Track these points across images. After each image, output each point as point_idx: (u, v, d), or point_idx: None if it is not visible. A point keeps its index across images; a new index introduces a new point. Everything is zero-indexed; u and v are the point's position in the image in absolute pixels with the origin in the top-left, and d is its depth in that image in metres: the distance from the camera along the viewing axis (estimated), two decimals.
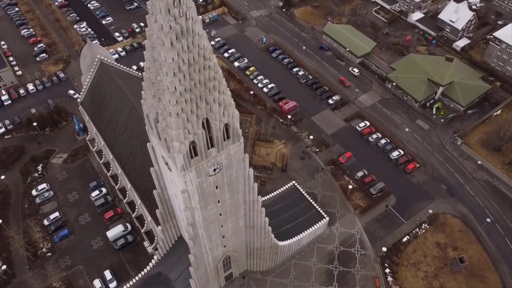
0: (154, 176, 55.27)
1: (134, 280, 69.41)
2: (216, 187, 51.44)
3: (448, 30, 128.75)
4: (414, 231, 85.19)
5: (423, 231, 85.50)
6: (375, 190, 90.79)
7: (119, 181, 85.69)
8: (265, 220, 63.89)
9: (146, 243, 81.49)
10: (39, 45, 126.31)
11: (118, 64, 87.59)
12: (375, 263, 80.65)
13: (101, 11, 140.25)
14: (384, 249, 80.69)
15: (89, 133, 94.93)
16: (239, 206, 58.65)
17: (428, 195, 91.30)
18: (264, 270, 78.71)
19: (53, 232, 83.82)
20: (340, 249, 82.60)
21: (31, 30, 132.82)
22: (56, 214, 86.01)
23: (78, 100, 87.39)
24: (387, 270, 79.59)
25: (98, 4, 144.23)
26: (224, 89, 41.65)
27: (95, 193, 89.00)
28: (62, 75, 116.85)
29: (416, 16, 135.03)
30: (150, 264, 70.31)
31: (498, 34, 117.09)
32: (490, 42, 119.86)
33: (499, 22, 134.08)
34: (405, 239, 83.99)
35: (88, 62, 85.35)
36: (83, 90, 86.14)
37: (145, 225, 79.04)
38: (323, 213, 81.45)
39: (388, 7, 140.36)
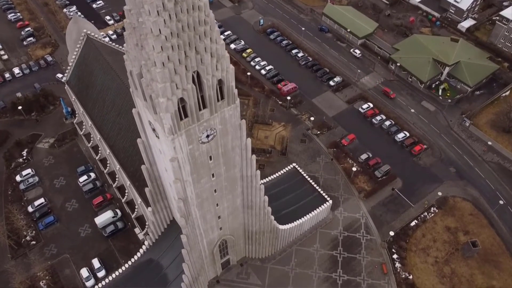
0: (141, 148, 50.01)
1: (123, 268, 64.22)
2: (210, 158, 46.25)
3: (453, 11, 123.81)
4: (422, 215, 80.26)
5: (432, 215, 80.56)
6: (380, 173, 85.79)
7: (108, 165, 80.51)
8: (264, 199, 58.71)
9: (137, 230, 76.27)
10: (26, 29, 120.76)
11: (106, 39, 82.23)
12: (381, 248, 75.66)
13: None
14: (392, 233, 75.66)
15: (76, 116, 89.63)
16: (236, 182, 53.47)
17: (436, 178, 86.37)
18: (264, 257, 73.63)
19: (37, 219, 78.48)
20: (344, 235, 77.58)
21: (18, 14, 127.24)
22: (41, 200, 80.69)
23: (64, 79, 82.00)
24: (395, 256, 74.62)
25: None
26: (216, 37, 36.43)
27: (83, 178, 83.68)
28: (50, 58, 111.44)
29: None
30: (141, 251, 65.07)
31: (505, 13, 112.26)
32: (497, 21, 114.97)
33: (505, 3, 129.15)
34: (413, 224, 79.05)
35: (74, 37, 79.90)
36: (68, 67, 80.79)
37: (136, 210, 73.81)
38: (326, 196, 76.41)
39: None
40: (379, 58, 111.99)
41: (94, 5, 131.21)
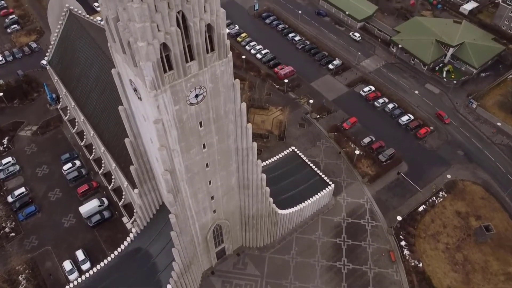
0: (124, 117, 44.65)
1: (109, 259, 58.76)
2: (200, 124, 40.98)
3: None
4: (430, 200, 75.33)
5: (441, 199, 75.63)
6: (385, 156, 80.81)
7: (93, 150, 75.08)
8: (261, 177, 53.41)
9: (125, 219, 70.80)
10: (11, 17, 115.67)
11: (91, 18, 77.04)
12: (388, 235, 70.52)
13: None
14: (399, 218, 70.55)
15: (61, 100, 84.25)
16: (230, 155, 48.19)
17: (444, 161, 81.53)
18: (262, 246, 68.28)
19: (17, 209, 72.88)
20: (348, 221, 72.39)
21: (3, 2, 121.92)
22: (22, 189, 75.18)
23: (46, 58, 76.73)
24: (403, 243, 69.48)
25: None
26: None
27: (67, 166, 78.14)
28: (34, 45, 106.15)
29: None
30: (128, 239, 59.63)
31: None
32: (500, 2, 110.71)
33: None
34: (421, 209, 74.10)
35: (56, 13, 74.66)
36: (50, 47, 75.54)
37: (123, 196, 68.38)
38: (327, 180, 71.23)
39: None
40: (379, 41, 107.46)
41: None
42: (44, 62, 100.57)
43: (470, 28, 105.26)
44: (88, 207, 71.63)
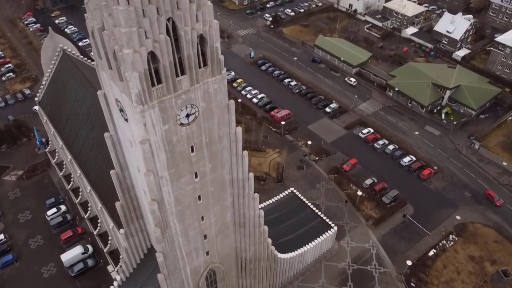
0: (109, 144, 41.29)
1: None
2: (192, 149, 37.59)
3: (446, 42, 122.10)
4: (440, 244, 70.32)
5: (452, 243, 70.64)
6: (389, 198, 76.76)
7: (80, 193, 70.74)
8: (259, 214, 49.04)
9: (110, 267, 64.94)
10: (7, 66, 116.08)
11: (85, 58, 76.38)
12: (398, 282, 64.61)
13: (78, 34, 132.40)
14: (409, 262, 65.07)
15: (50, 143, 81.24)
16: (225, 188, 44.20)
17: (451, 203, 77.48)
18: None
19: None
20: (353, 267, 66.76)
21: (0, 52, 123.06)
22: (1, 236, 69.63)
23: (36, 99, 74.92)
24: None
25: (75, 28, 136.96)
26: None
27: (51, 211, 73.26)
28: (28, 91, 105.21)
29: (411, 30, 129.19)
30: (112, 287, 53.73)
31: (501, 39, 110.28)
32: (492, 48, 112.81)
33: (496, 35, 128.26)
34: (431, 253, 68.80)
35: (49, 54, 74.01)
36: (41, 87, 74.04)
37: (109, 242, 63.06)
38: (330, 223, 66.57)
39: (380, 24, 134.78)
40: (375, 85, 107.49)
41: (80, 43, 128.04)
42: (36, 107, 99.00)
43: (464, 72, 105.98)
44: (71, 255, 65.94)
